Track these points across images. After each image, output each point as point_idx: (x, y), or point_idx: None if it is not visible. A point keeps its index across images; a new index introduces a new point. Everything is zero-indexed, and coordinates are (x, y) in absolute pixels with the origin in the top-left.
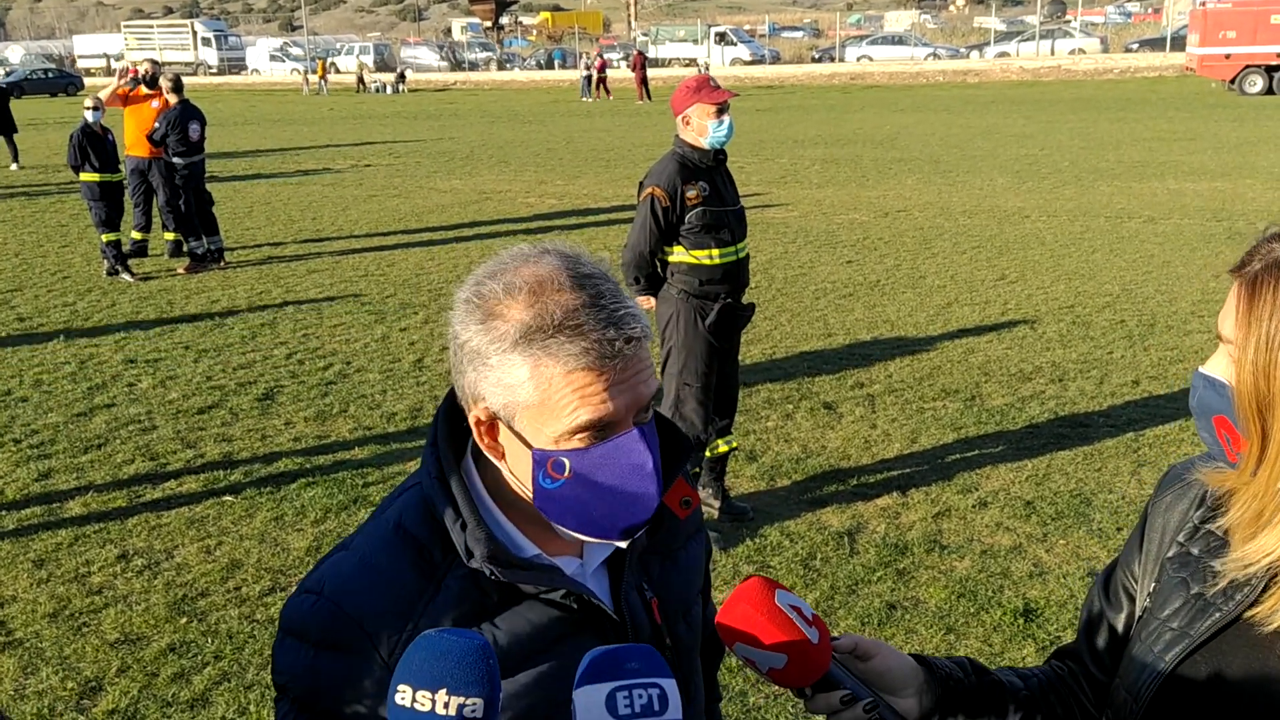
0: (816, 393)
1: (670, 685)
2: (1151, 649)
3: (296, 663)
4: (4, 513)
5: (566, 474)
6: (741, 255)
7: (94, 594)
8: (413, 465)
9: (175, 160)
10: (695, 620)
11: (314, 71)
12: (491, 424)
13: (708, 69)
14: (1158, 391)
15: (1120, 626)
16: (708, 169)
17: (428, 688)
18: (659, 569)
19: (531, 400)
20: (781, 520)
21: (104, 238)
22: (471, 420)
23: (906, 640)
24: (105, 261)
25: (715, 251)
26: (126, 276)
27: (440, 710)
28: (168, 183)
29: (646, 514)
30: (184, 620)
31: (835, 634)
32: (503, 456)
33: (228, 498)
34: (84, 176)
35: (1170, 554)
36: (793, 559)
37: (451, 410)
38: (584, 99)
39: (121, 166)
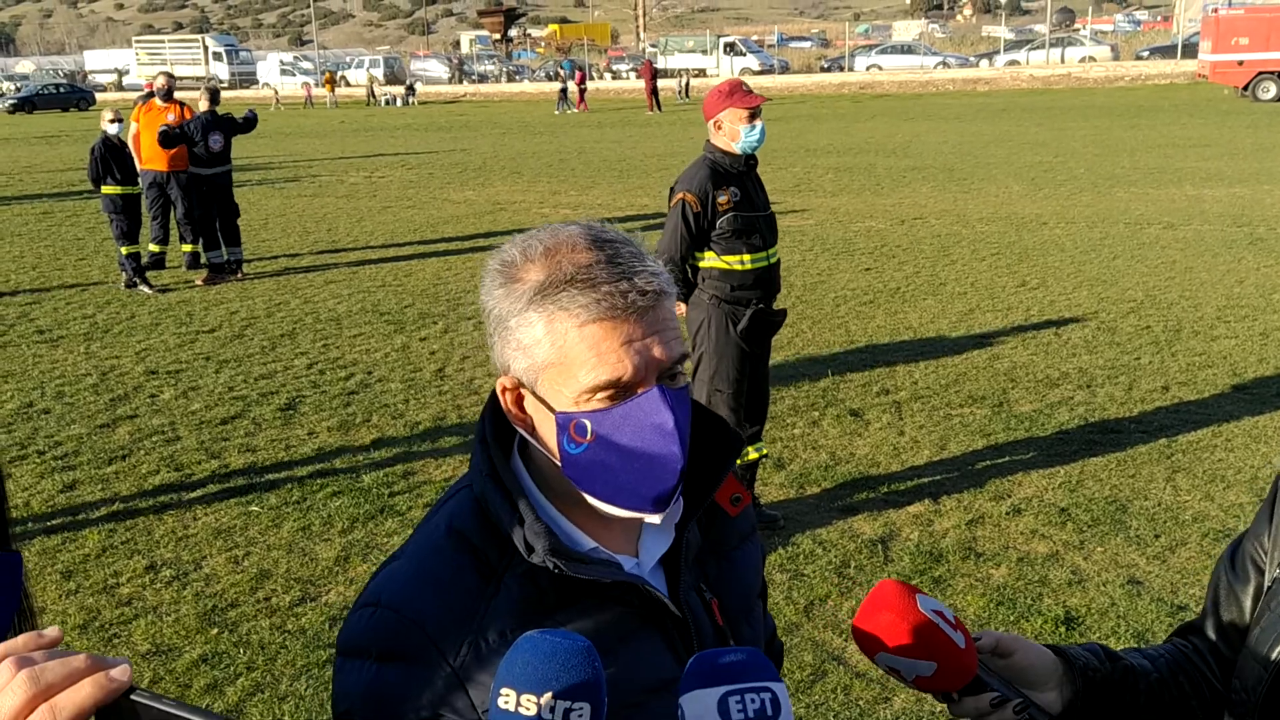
0: (842, 399)
1: (781, 689)
2: None
3: (358, 682)
4: (30, 524)
5: (589, 437)
6: (773, 260)
7: (123, 605)
8: (438, 473)
9: (198, 171)
10: (757, 621)
11: (320, 84)
12: (517, 392)
13: (688, 85)
14: (1188, 397)
15: (1248, 600)
16: (739, 174)
17: (532, 691)
18: (715, 569)
19: (550, 359)
20: (813, 528)
21: (123, 250)
22: (498, 389)
23: None
24: (124, 274)
25: (747, 257)
26: (145, 289)
27: (546, 715)
28: (186, 195)
29: (671, 478)
30: (215, 631)
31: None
32: (532, 429)
33: (254, 508)
34: (105, 189)
35: None
36: (826, 567)
37: (496, 407)
38: (557, 112)
39: (139, 179)
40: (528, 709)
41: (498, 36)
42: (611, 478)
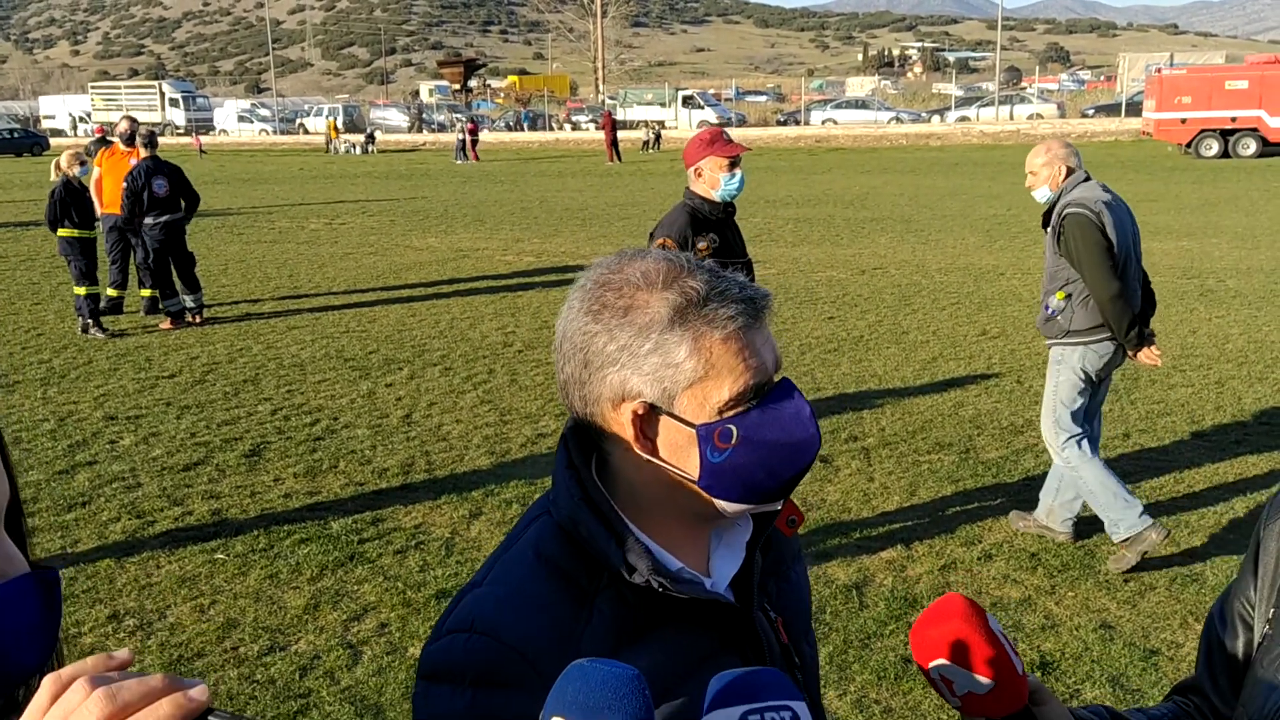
0: None
1: (801, 708)
2: (1277, 675)
3: (453, 708)
4: None
5: (734, 441)
6: None
7: (86, 655)
8: (408, 520)
9: (145, 220)
10: (813, 640)
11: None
12: (647, 417)
13: (658, 137)
14: (1148, 444)
15: (1240, 655)
16: (718, 221)
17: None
18: (776, 589)
19: (694, 376)
20: None
21: (80, 291)
22: (627, 417)
23: (925, 695)
24: (79, 318)
25: None
26: (98, 333)
27: None
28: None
29: (811, 457)
30: None
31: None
32: (655, 451)
33: (219, 556)
34: (61, 232)
35: None
36: None
37: (574, 434)
38: (456, 162)
39: (98, 224)
40: None
41: (457, 87)
42: (750, 476)
